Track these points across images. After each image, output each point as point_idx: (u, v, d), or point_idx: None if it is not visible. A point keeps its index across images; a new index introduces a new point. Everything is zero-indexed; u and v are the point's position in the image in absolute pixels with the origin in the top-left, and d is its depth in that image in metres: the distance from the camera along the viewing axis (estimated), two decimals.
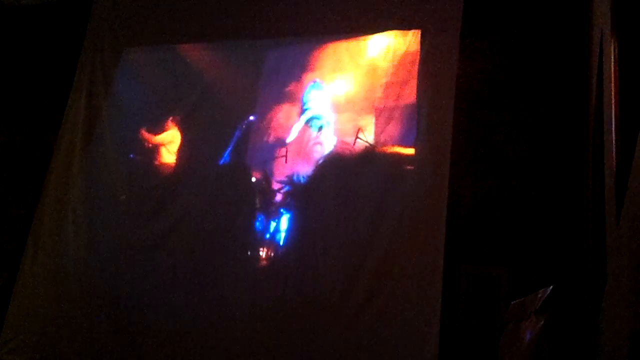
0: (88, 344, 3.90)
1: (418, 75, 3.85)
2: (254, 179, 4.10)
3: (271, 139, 4.14)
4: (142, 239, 4.09)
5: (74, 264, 4.13)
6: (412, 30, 4.00)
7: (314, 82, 4.18)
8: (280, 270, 3.76)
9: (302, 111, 4.14)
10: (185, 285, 3.84)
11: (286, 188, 3.99)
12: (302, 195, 3.92)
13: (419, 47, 3.91)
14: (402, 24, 4.03)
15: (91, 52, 4.72)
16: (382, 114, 3.87)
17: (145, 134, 4.44)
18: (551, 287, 2.54)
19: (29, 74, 5.00)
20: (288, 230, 3.90)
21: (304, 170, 3.98)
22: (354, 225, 3.64)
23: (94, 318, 3.94)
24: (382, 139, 3.84)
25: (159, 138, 4.41)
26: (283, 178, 4.00)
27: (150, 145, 4.43)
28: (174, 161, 4.35)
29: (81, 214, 4.27)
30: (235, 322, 3.66)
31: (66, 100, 4.62)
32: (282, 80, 4.24)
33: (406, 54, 3.95)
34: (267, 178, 4.05)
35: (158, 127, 4.43)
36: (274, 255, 3.88)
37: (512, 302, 2.71)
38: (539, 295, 2.57)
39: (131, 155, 4.45)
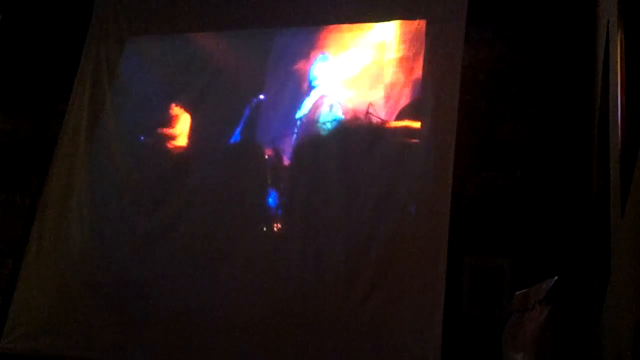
0: (93, 332, 3.89)
1: (423, 64, 3.84)
2: (265, 156, 4.10)
3: (281, 115, 4.16)
4: (149, 225, 4.10)
5: (79, 253, 4.13)
6: (417, 20, 3.99)
7: (321, 54, 4.20)
8: (290, 250, 3.77)
9: (311, 87, 4.17)
10: (195, 268, 3.85)
11: (296, 165, 4.01)
12: (308, 174, 3.92)
13: (424, 37, 3.90)
14: (407, 14, 4.03)
15: (95, 41, 4.70)
16: (392, 90, 3.89)
17: (151, 122, 4.44)
18: (555, 277, 2.54)
19: (33, 64, 4.98)
20: (294, 211, 3.91)
21: (314, 147, 4.00)
22: (359, 213, 3.65)
23: (99, 307, 3.94)
24: (391, 116, 3.86)
25: (165, 124, 4.42)
26: (293, 155, 4.01)
27: (157, 132, 4.43)
28: (182, 146, 4.35)
29: (86, 202, 4.27)
30: (244, 304, 3.67)
31: (70, 90, 4.61)
32: (290, 59, 4.25)
33: (412, 43, 3.95)
34: (279, 154, 4.06)
35: (164, 114, 4.43)
36: (285, 232, 3.89)
37: (516, 293, 2.71)
38: (543, 286, 2.57)
39: (137, 142, 4.44)
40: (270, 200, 3.99)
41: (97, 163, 4.39)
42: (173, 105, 4.45)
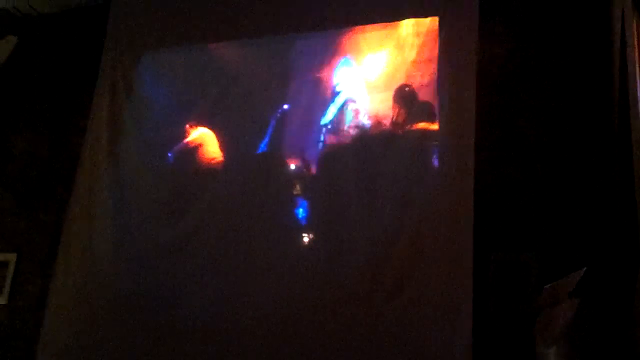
0: (122, 345, 3.93)
1: (438, 62, 3.84)
2: (293, 166, 4.12)
3: (307, 124, 4.17)
4: (173, 236, 4.13)
5: (105, 267, 4.17)
6: (430, 18, 3.99)
7: (344, 58, 4.21)
8: (315, 257, 3.79)
9: (335, 93, 4.18)
10: (221, 278, 3.87)
11: (322, 173, 4.01)
12: (334, 182, 3.91)
13: (439, 30, 3.90)
14: (420, 12, 4.02)
15: (111, 56, 4.74)
16: (411, 94, 3.91)
17: (171, 134, 4.47)
18: (584, 269, 2.54)
19: (52, 82, 5.06)
20: (319, 219, 3.93)
21: (340, 154, 4.00)
22: (381, 215, 3.64)
23: (127, 320, 3.98)
24: (409, 117, 3.86)
25: (186, 137, 4.45)
26: (320, 163, 4.03)
27: (177, 144, 4.46)
28: (205, 159, 4.36)
29: (109, 216, 4.31)
30: (271, 312, 3.68)
31: (89, 106, 4.66)
32: (312, 67, 4.27)
33: (426, 40, 3.96)
34: (306, 163, 4.08)
35: (183, 127, 4.46)
36: (310, 240, 3.90)
37: (545, 287, 2.71)
38: (572, 279, 2.57)
39: (158, 155, 4.47)
40: (297, 209, 4.00)
41: (119, 177, 4.42)
42: (192, 117, 4.47)
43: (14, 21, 5.24)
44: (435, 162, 3.68)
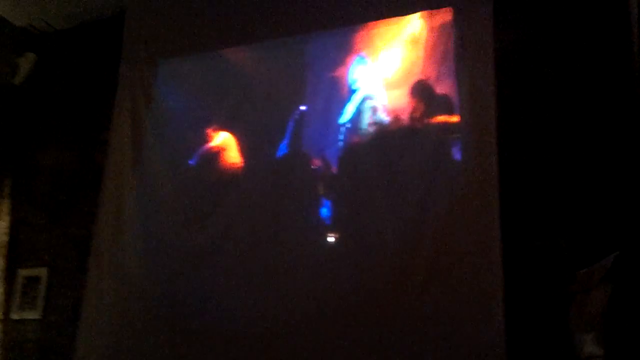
0: (155, 355, 3.98)
1: (454, 54, 3.82)
2: (314, 166, 4.13)
3: (326, 124, 4.16)
4: (199, 242, 4.16)
5: (135, 276, 4.22)
6: (443, 10, 3.97)
7: (358, 56, 4.19)
8: (341, 256, 3.80)
9: (352, 91, 4.16)
10: (249, 282, 3.89)
11: (344, 172, 4.02)
12: (356, 180, 3.92)
13: (454, 22, 3.88)
14: (433, 3, 4.00)
15: (128, 67, 4.79)
16: (429, 88, 3.89)
17: (192, 141, 4.50)
18: (616, 253, 2.51)
19: (73, 96, 5.13)
20: (343, 219, 3.93)
21: (360, 152, 4.00)
22: (406, 209, 3.64)
23: (159, 329, 4.02)
24: (429, 112, 3.85)
25: (207, 142, 4.47)
26: (340, 162, 4.03)
27: (199, 150, 4.48)
28: (227, 163, 4.39)
29: (137, 226, 4.36)
30: (298, 314, 3.70)
31: (110, 118, 4.71)
32: (327, 66, 4.26)
33: (444, 29, 3.94)
34: (327, 163, 4.08)
35: (204, 133, 4.48)
36: (336, 240, 3.90)
37: (577, 272, 2.69)
38: (604, 264, 2.55)
39: (181, 162, 4.51)
40: (321, 209, 4.00)
41: (144, 185, 4.48)
42: (212, 122, 4.49)
43: (32, 39, 5.32)
44: (457, 155, 3.67)
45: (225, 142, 4.44)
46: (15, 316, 4.66)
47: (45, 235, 4.79)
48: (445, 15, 3.95)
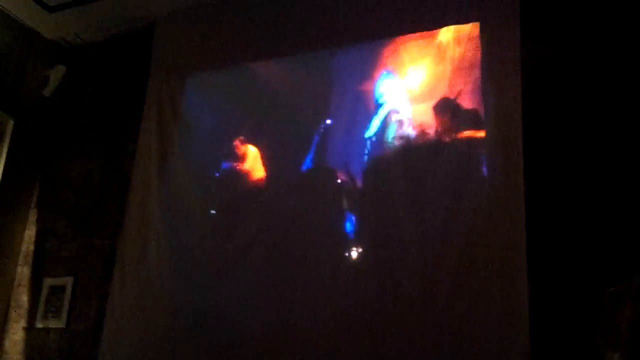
0: None
1: (481, 68, 3.81)
2: (339, 180, 4.13)
3: (351, 138, 4.17)
4: (225, 254, 4.19)
5: (160, 286, 4.25)
6: (472, 23, 3.96)
7: (385, 71, 4.21)
8: (366, 270, 3.78)
9: (378, 105, 4.16)
10: (273, 294, 3.90)
11: (368, 186, 4.01)
12: (380, 195, 3.91)
13: (481, 35, 3.87)
14: (460, 18, 3.99)
15: (157, 80, 4.85)
16: (455, 103, 3.88)
17: (219, 154, 4.55)
18: None
19: (101, 108, 5.20)
20: (367, 233, 3.92)
21: (385, 166, 3.99)
22: (431, 225, 3.62)
23: (183, 339, 4.03)
24: (455, 126, 3.84)
25: (233, 156, 4.51)
26: (365, 176, 4.03)
27: (225, 163, 4.54)
28: (252, 176, 4.43)
29: (162, 237, 4.40)
30: (322, 326, 3.70)
31: (138, 129, 4.78)
32: (353, 80, 4.29)
33: (470, 43, 3.93)
34: (352, 177, 4.09)
35: (230, 146, 4.53)
36: (360, 254, 3.89)
37: (607, 290, 2.64)
38: (635, 282, 2.50)
39: (207, 174, 4.56)
40: (345, 223, 4.00)
41: (170, 197, 4.52)
42: (238, 135, 4.54)
43: (62, 51, 5.42)
44: (484, 170, 3.64)
45: (250, 155, 4.48)
46: (39, 325, 4.70)
47: (71, 244, 4.84)
48: (472, 30, 3.94)
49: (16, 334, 4.75)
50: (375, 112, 4.14)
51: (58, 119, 5.33)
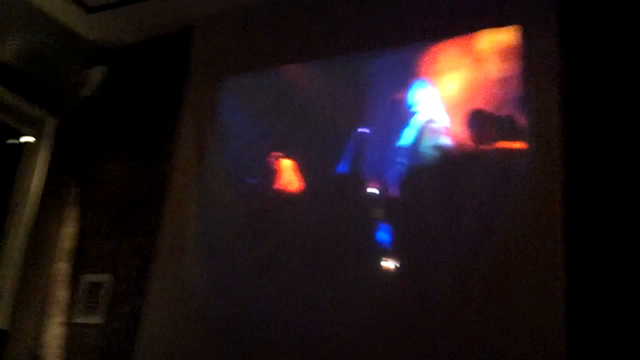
0: None
1: (521, 76, 3.76)
2: (372, 189, 4.13)
3: (386, 146, 4.15)
4: (257, 259, 4.21)
5: (195, 290, 4.31)
6: (508, 30, 3.92)
7: (420, 79, 4.18)
8: (397, 279, 3.80)
9: (413, 114, 4.14)
10: (305, 301, 3.93)
11: (402, 196, 4.01)
12: (415, 204, 3.90)
13: (520, 42, 3.82)
14: (500, 21, 3.95)
15: (194, 83, 4.91)
16: (492, 111, 3.85)
17: (253, 158, 4.58)
18: None
19: (138, 110, 5.29)
20: (401, 240, 3.91)
21: (419, 176, 3.97)
22: (466, 236, 3.60)
23: (216, 342, 4.10)
24: (493, 135, 3.80)
25: (266, 160, 4.54)
26: (400, 185, 4.02)
27: (260, 167, 4.57)
28: (285, 182, 4.45)
29: (198, 239, 4.46)
30: (354, 336, 3.71)
31: (173, 131, 4.86)
32: (389, 88, 4.27)
33: (508, 50, 3.88)
34: (386, 186, 4.09)
35: (265, 150, 4.56)
36: (394, 264, 3.88)
37: None
38: None
39: (241, 177, 4.60)
40: (378, 232, 3.98)
41: (206, 199, 4.57)
42: (272, 140, 4.57)
43: (102, 52, 5.50)
44: (522, 181, 3.56)
45: (283, 162, 4.50)
46: (78, 320, 4.80)
47: (109, 242, 4.93)
48: (510, 35, 3.90)
49: (55, 329, 4.85)
50: (410, 121, 4.13)
51: (97, 120, 5.43)
